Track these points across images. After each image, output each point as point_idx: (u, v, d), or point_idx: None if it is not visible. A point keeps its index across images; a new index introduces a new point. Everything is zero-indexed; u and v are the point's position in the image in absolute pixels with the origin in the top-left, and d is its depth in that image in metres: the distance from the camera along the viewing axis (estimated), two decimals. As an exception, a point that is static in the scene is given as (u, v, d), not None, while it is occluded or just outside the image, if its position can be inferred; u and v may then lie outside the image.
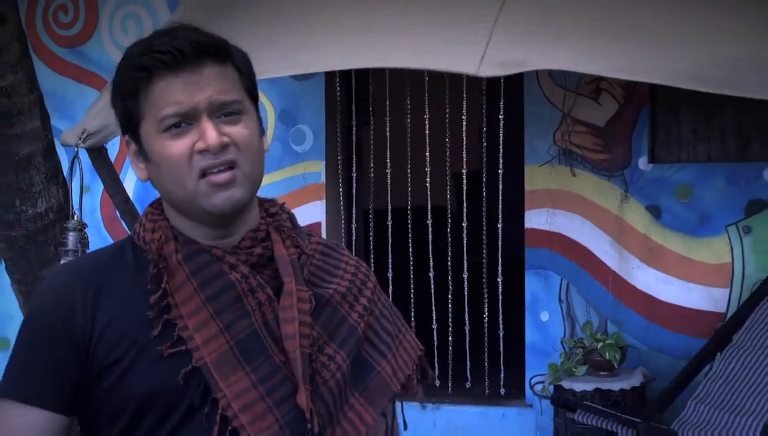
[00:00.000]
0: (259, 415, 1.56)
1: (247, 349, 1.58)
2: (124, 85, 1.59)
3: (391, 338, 1.72)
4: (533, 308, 4.80)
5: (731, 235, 4.48)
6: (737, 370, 3.77)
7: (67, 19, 5.83)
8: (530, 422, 4.75)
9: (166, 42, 1.55)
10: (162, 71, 1.55)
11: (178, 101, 1.54)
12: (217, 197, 1.57)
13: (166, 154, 1.56)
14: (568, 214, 4.72)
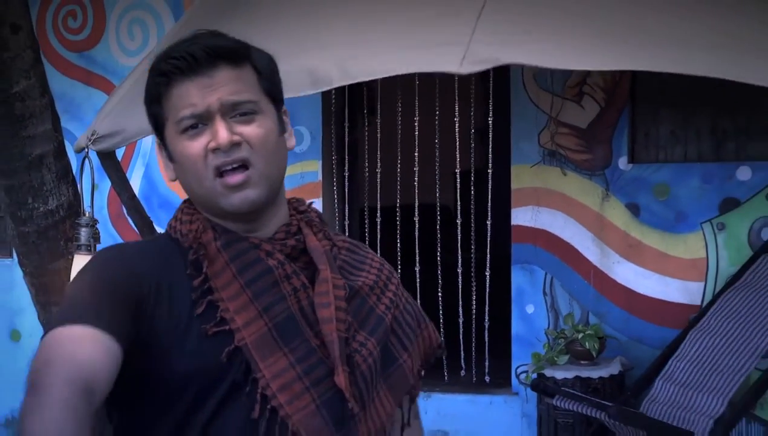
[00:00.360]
0: (297, 395, 1.60)
1: (284, 331, 1.63)
2: (149, 92, 1.67)
3: (413, 332, 1.79)
4: (519, 300, 5.02)
5: (706, 231, 4.69)
6: (701, 350, 3.98)
7: (76, 24, 6.02)
8: (516, 410, 4.98)
9: (183, 48, 1.63)
10: (179, 76, 1.62)
11: (193, 103, 1.62)
12: (234, 198, 1.63)
13: (186, 154, 1.64)
14: (552, 211, 4.93)
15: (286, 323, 1.62)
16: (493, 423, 5.00)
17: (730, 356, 3.84)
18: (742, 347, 3.84)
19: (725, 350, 3.88)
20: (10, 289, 6.18)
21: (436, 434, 5.07)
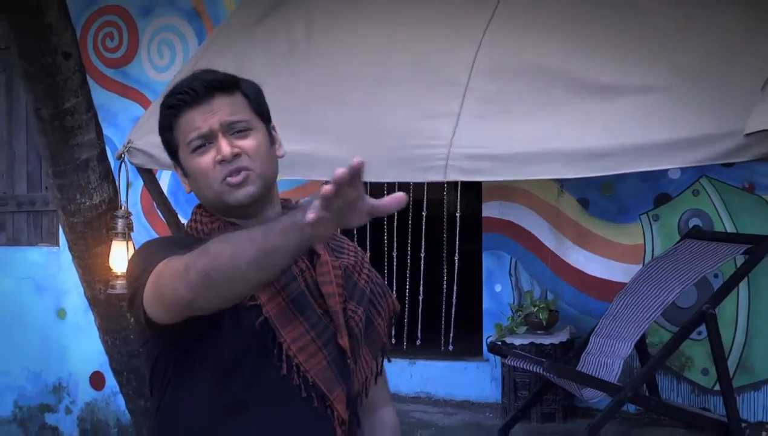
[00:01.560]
0: (312, 354, 1.93)
1: (298, 305, 1.94)
2: (162, 123, 2.02)
3: (383, 300, 2.14)
4: (489, 281, 5.81)
5: (643, 222, 5.45)
6: (621, 307, 4.74)
7: (113, 44, 6.72)
8: (486, 374, 5.80)
9: (185, 85, 1.98)
10: (184, 108, 1.96)
11: (198, 127, 1.95)
12: (238, 193, 1.94)
13: (198, 168, 1.97)
14: (516, 205, 5.70)
15: (298, 298, 1.94)
16: (467, 385, 5.80)
17: (640, 310, 4.60)
18: (650, 302, 4.60)
19: (637, 305, 4.64)
20: (56, 273, 6.89)
21: (420, 395, 5.91)
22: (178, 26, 6.53)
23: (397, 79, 4.62)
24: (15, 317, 7.09)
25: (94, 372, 6.87)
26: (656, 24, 4.56)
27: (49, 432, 7.06)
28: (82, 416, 6.97)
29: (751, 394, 5.24)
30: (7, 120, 7.23)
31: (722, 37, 4.34)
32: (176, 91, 1.99)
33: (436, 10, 5.05)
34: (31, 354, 7.07)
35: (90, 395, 6.93)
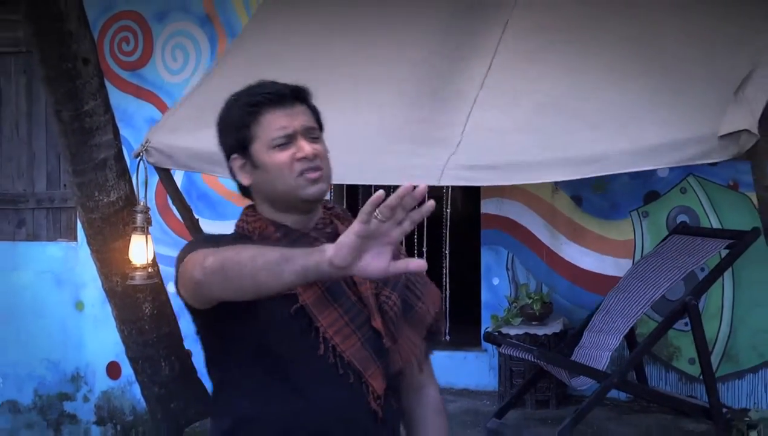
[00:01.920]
0: (347, 336, 2.07)
1: (332, 293, 2.08)
2: (239, 120, 2.14)
3: (421, 288, 2.25)
4: (487, 275, 6.07)
5: (633, 218, 5.72)
6: (612, 303, 5.02)
7: (129, 48, 6.93)
8: (485, 363, 6.06)
9: (269, 87, 2.14)
10: (268, 107, 2.11)
11: (284, 126, 2.10)
12: (312, 188, 2.10)
13: (277, 162, 2.10)
14: (513, 202, 5.95)
15: (333, 286, 2.09)
16: (466, 374, 6.06)
17: (630, 305, 4.87)
18: (639, 298, 4.87)
19: (627, 301, 4.92)
20: (74, 267, 7.10)
21: None
22: (191, 31, 6.77)
23: (409, 90, 4.93)
24: (35, 309, 7.31)
25: (110, 362, 7.09)
26: (653, 33, 4.87)
27: (67, 420, 7.29)
28: (99, 404, 7.20)
29: (735, 382, 5.49)
30: (27, 120, 7.47)
31: (705, 46, 4.63)
32: (259, 92, 2.15)
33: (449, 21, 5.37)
34: (50, 345, 7.29)
35: (106, 384, 7.16)
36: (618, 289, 5.10)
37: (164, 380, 5.66)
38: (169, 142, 5.03)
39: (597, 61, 4.81)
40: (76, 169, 5.29)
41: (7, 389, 7.43)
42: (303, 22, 5.85)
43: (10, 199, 7.50)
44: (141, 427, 7.01)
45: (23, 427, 7.39)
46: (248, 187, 2.19)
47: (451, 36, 5.33)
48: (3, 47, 7.41)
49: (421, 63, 5.22)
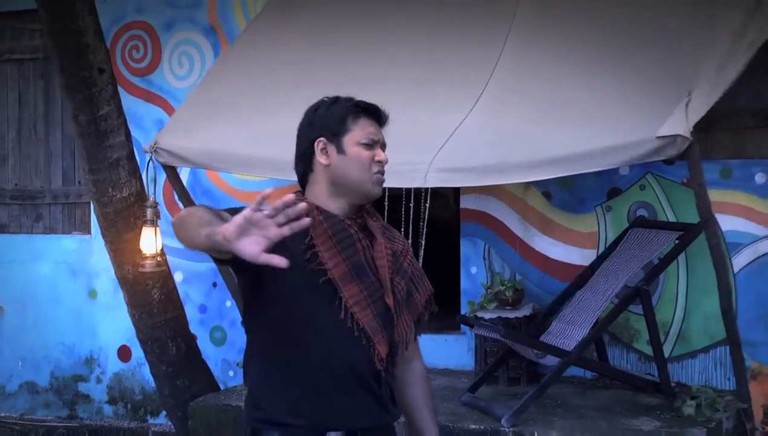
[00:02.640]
0: (363, 307, 2.56)
1: (357, 271, 2.58)
2: (340, 113, 2.63)
3: (420, 281, 2.78)
4: (466, 264, 6.59)
5: (598, 212, 6.20)
6: (581, 299, 5.55)
7: (139, 55, 7.42)
8: (464, 345, 6.57)
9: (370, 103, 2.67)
10: (368, 115, 2.65)
11: (374, 133, 2.64)
12: (377, 188, 2.64)
13: (361, 156, 2.61)
14: (489, 198, 6.45)
15: (358, 266, 2.59)
16: (447, 355, 6.56)
17: (594, 299, 5.41)
18: (602, 292, 5.40)
19: (593, 296, 5.46)
20: (88, 258, 7.60)
21: None
22: (196, 40, 7.29)
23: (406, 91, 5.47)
24: (51, 297, 7.80)
25: (121, 346, 7.59)
26: (624, 31, 5.45)
27: (81, 399, 7.78)
28: (111, 385, 7.68)
29: (689, 361, 6.00)
30: (44, 122, 7.97)
31: (667, 45, 5.18)
32: (366, 103, 2.68)
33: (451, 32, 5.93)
34: (66, 330, 7.77)
35: (118, 366, 7.65)
36: (586, 288, 5.59)
37: (171, 359, 6.21)
38: (176, 144, 5.59)
39: (570, 62, 5.39)
40: (92, 168, 5.81)
41: (25, 371, 7.90)
42: (301, 26, 6.38)
43: (29, 195, 8.00)
44: (149, 406, 7.52)
45: (41, 406, 7.87)
46: (310, 173, 2.65)
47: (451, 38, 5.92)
48: (22, 54, 7.94)
49: (419, 64, 5.79)
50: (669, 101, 4.82)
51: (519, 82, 5.42)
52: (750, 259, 5.85)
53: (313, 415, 2.58)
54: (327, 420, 2.59)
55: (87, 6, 5.56)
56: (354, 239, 2.61)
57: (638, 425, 5.10)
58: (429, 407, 2.85)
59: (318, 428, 2.58)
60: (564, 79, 5.36)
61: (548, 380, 5.23)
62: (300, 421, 2.58)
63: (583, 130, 4.98)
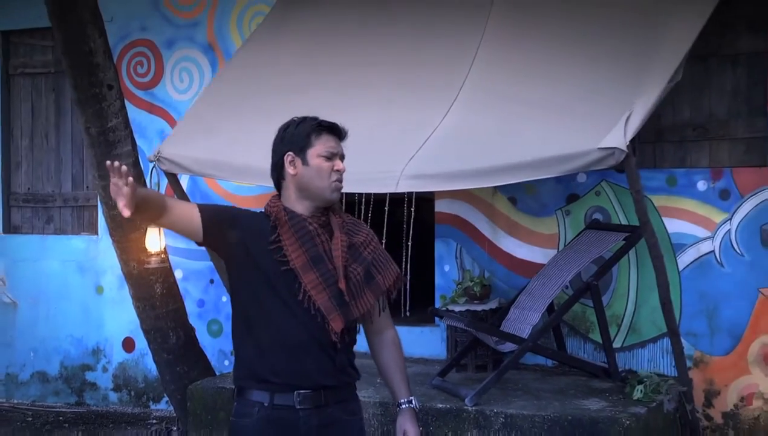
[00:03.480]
0: (320, 291, 3.12)
1: (315, 261, 3.13)
2: (305, 131, 3.17)
3: (385, 265, 3.28)
4: (440, 263, 7.15)
5: (558, 216, 6.78)
6: (535, 286, 6.14)
7: (143, 70, 7.98)
8: (437, 336, 7.14)
9: (334, 124, 3.22)
10: (328, 132, 3.19)
11: (334, 147, 3.18)
12: (335, 194, 3.17)
13: (322, 167, 3.15)
14: (461, 202, 7.01)
15: (316, 257, 3.14)
16: (422, 345, 7.13)
17: (547, 287, 6.01)
18: (554, 281, 6.01)
19: (546, 284, 6.05)
20: (95, 257, 8.12)
21: None
22: (195, 57, 7.87)
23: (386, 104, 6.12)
24: (61, 292, 8.31)
25: (125, 338, 8.12)
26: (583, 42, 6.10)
27: (88, 387, 8.29)
28: (116, 374, 8.21)
29: (638, 350, 6.61)
30: (55, 131, 8.53)
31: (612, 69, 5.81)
32: (327, 122, 3.24)
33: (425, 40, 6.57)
34: (74, 323, 8.27)
35: (122, 357, 8.17)
36: (540, 275, 6.24)
37: (171, 347, 6.82)
38: (177, 153, 6.22)
39: (531, 76, 6.03)
40: (102, 175, 6.38)
41: (37, 361, 8.42)
42: (291, 45, 6.99)
43: (41, 198, 8.55)
44: (151, 393, 8.07)
45: (51, 394, 8.39)
46: (282, 181, 3.20)
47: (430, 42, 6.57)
48: (35, 69, 8.53)
49: (399, 68, 6.44)
50: (613, 114, 5.43)
51: (485, 94, 6.04)
52: (693, 258, 6.45)
53: (287, 375, 3.20)
54: (297, 381, 3.21)
55: (97, 29, 6.14)
56: (313, 234, 3.17)
57: (587, 405, 5.71)
58: (400, 369, 3.38)
59: (291, 386, 3.21)
60: (525, 92, 5.98)
61: (508, 364, 5.86)
62: (277, 379, 3.20)
63: (538, 141, 5.59)
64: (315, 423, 3.22)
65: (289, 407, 3.20)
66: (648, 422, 5.60)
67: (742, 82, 6.48)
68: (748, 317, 6.34)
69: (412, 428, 3.38)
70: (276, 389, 3.21)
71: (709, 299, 6.43)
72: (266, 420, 3.21)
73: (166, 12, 7.98)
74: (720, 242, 6.40)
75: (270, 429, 3.21)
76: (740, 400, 6.38)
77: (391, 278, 3.32)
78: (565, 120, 5.71)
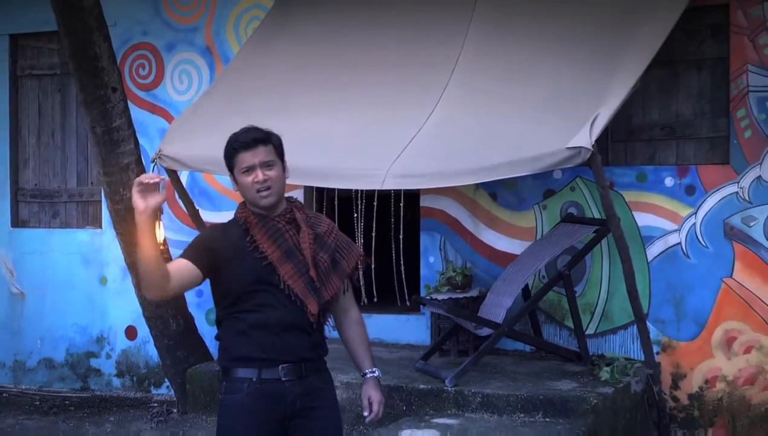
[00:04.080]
0: (295, 279, 3.56)
1: (288, 254, 3.56)
2: (228, 155, 3.60)
3: (347, 250, 3.74)
4: (425, 254, 7.57)
5: (536, 210, 7.20)
6: (510, 272, 6.57)
7: (145, 72, 8.36)
8: (423, 324, 7.54)
9: (242, 137, 3.55)
10: (241, 150, 3.56)
11: (247, 162, 3.54)
12: (264, 200, 3.55)
13: (245, 182, 3.56)
14: (445, 198, 7.42)
15: (288, 250, 3.58)
16: (408, 332, 7.56)
17: (521, 273, 6.41)
18: (527, 268, 6.42)
19: (520, 271, 6.47)
20: (99, 249, 8.50)
21: (374, 340, 7.65)
22: (194, 60, 8.25)
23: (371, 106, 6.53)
24: (67, 283, 8.67)
25: (128, 326, 8.48)
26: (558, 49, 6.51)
27: (93, 373, 8.64)
28: (119, 360, 8.57)
29: (611, 336, 7.02)
30: (61, 130, 8.90)
31: (584, 72, 6.22)
32: (237, 140, 3.60)
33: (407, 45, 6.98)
34: (79, 312, 8.62)
35: (125, 344, 8.54)
36: (515, 263, 6.67)
37: (172, 333, 7.24)
38: (177, 151, 6.62)
39: (509, 81, 6.44)
40: (106, 172, 6.82)
41: (44, 348, 8.79)
42: (285, 49, 7.37)
43: (47, 194, 8.92)
44: (152, 378, 8.45)
45: (57, 380, 8.76)
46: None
47: (415, 44, 6.98)
48: (41, 70, 8.92)
49: (389, 72, 6.84)
50: (582, 115, 5.83)
51: (468, 94, 6.44)
52: (661, 249, 6.88)
53: (273, 352, 3.64)
54: (281, 356, 3.65)
55: (102, 35, 6.55)
56: (282, 230, 3.63)
57: (559, 386, 6.14)
58: (364, 344, 3.83)
59: (276, 361, 3.64)
60: (505, 92, 6.38)
61: (485, 348, 6.28)
62: (264, 356, 3.64)
63: (513, 141, 5.99)
64: (299, 392, 3.66)
65: (275, 380, 3.63)
66: (615, 401, 6.03)
67: (706, 86, 6.90)
68: (712, 304, 6.75)
69: (376, 393, 3.81)
70: (263, 366, 3.64)
71: (675, 288, 6.85)
72: (256, 393, 3.63)
73: (167, 17, 8.37)
74: (686, 235, 6.81)
75: (260, 401, 3.64)
76: (705, 383, 6.78)
77: (353, 259, 3.78)
78: (539, 120, 6.12)
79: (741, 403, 6.68)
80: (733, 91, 6.69)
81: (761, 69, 6.58)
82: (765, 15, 6.57)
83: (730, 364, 6.73)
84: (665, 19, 6.36)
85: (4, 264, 8.98)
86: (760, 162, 6.60)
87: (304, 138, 6.39)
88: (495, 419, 5.92)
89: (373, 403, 3.80)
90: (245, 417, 3.63)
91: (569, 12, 6.75)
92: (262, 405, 3.63)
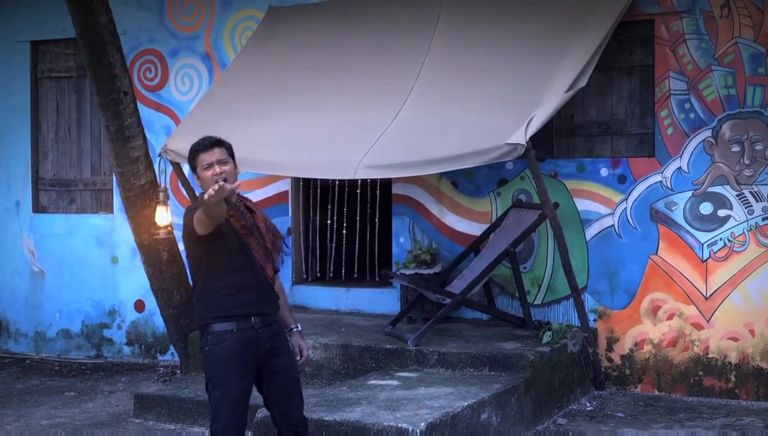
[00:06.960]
0: (257, 250, 4.64)
1: (251, 231, 4.62)
2: (190, 156, 4.60)
3: (276, 233, 4.83)
4: (396, 236, 8.54)
5: (491, 197, 8.18)
6: (475, 263, 7.56)
7: (151, 75, 9.27)
8: (394, 297, 8.49)
9: (201, 142, 4.58)
10: (201, 151, 4.57)
11: (207, 160, 4.52)
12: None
13: (205, 176, 4.52)
14: (413, 186, 8.40)
15: (251, 228, 4.67)
16: (382, 304, 8.55)
17: (483, 263, 7.41)
18: (485, 259, 7.48)
19: (482, 261, 7.46)
20: (111, 232, 9.40)
21: (352, 311, 8.64)
22: (195, 64, 9.19)
23: (346, 103, 7.52)
24: (82, 262, 9.57)
25: (137, 300, 9.39)
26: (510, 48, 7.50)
27: (106, 342, 9.55)
28: (129, 331, 9.47)
29: (555, 306, 8.02)
30: (77, 126, 9.82)
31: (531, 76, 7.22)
32: (198, 144, 4.58)
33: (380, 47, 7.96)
34: (94, 288, 9.51)
35: (134, 316, 9.44)
36: (480, 255, 7.67)
37: (176, 304, 8.24)
38: (181, 146, 7.65)
39: (466, 81, 7.43)
40: (119, 163, 7.83)
41: (62, 320, 9.71)
42: (275, 55, 8.33)
43: (65, 183, 9.82)
44: (159, 346, 9.37)
45: (74, 348, 9.66)
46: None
47: (387, 44, 7.97)
48: (59, 73, 9.86)
49: (365, 73, 7.83)
50: (523, 115, 6.83)
51: (433, 91, 7.42)
52: (597, 230, 7.90)
53: (248, 307, 4.68)
54: (254, 310, 4.70)
55: (115, 47, 7.57)
56: (245, 213, 4.64)
57: (505, 346, 7.18)
58: (287, 306, 4.92)
59: (250, 315, 4.68)
60: (463, 91, 7.36)
61: (442, 313, 7.33)
62: (241, 311, 4.66)
63: (465, 136, 6.99)
64: (267, 336, 4.73)
65: (250, 328, 4.67)
66: (551, 358, 7.08)
67: (635, 89, 7.93)
68: (641, 278, 7.77)
69: (303, 342, 4.93)
70: (240, 319, 4.65)
71: (610, 263, 7.86)
72: (238, 341, 4.66)
73: (171, 26, 9.29)
74: (618, 218, 7.84)
75: (242, 346, 4.67)
76: (634, 345, 7.81)
77: (280, 238, 4.93)
78: (490, 117, 7.11)
79: (665, 362, 7.70)
80: (658, 95, 7.69)
81: (681, 75, 7.60)
82: (684, 29, 7.58)
83: (655, 329, 7.74)
84: (601, 29, 7.33)
85: (26, 246, 9.79)
86: (680, 155, 7.62)
87: (289, 135, 7.45)
88: (449, 372, 6.95)
89: (303, 349, 4.91)
90: (231, 360, 4.63)
91: (521, 21, 7.73)
92: (242, 350, 4.64)
